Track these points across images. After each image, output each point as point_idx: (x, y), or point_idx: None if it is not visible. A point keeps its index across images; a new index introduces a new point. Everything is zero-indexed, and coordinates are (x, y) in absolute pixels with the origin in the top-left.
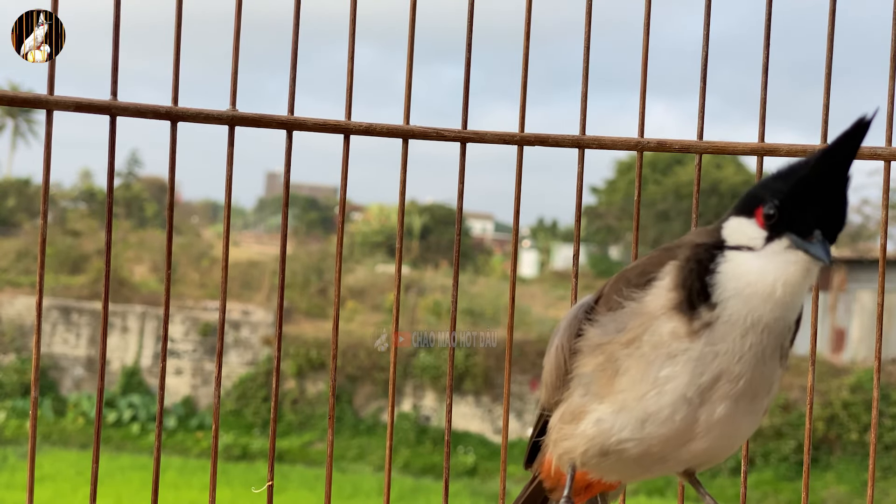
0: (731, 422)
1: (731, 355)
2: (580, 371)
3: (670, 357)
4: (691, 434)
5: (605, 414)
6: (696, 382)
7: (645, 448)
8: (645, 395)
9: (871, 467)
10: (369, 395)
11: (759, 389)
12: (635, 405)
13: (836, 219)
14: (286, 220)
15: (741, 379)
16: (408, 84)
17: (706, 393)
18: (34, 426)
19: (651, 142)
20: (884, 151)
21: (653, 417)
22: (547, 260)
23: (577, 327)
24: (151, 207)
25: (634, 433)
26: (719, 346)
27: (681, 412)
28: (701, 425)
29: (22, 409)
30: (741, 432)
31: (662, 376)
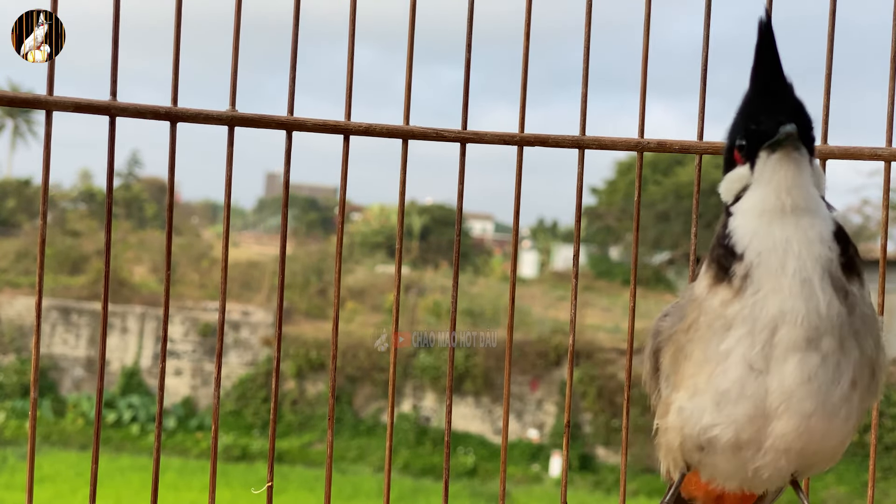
0: (807, 389)
1: (778, 291)
2: (662, 365)
3: (726, 328)
4: (771, 410)
5: (683, 402)
6: (756, 340)
7: (732, 434)
8: (711, 373)
9: (871, 468)
10: (369, 396)
11: (825, 332)
12: (706, 386)
13: (786, 105)
14: (286, 220)
15: (798, 316)
16: (408, 84)
17: (770, 351)
18: (34, 427)
19: (651, 142)
20: (884, 152)
21: (725, 396)
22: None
23: (656, 328)
24: (151, 208)
25: (714, 417)
26: (764, 287)
27: (749, 383)
28: (775, 395)
29: (21, 410)
30: (828, 404)
31: (723, 350)
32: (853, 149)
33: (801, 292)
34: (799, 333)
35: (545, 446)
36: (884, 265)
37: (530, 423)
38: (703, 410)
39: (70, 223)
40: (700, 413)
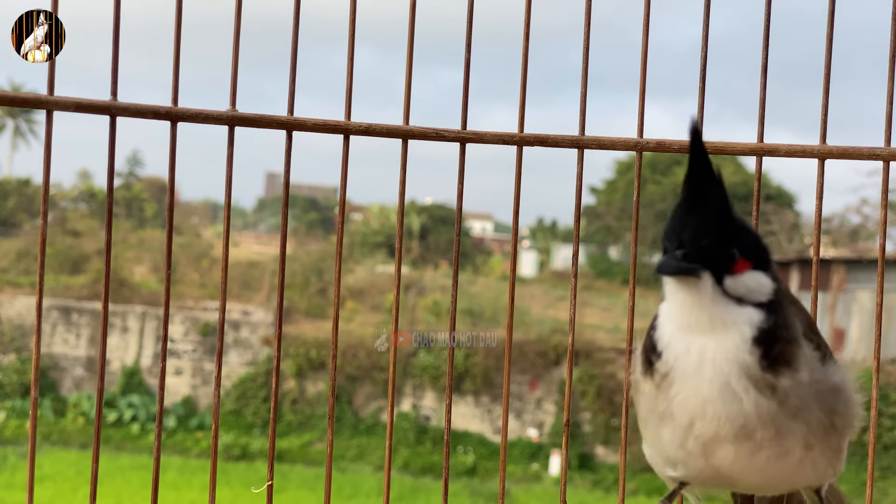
0: (754, 464)
1: (696, 395)
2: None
3: (656, 415)
4: (728, 477)
5: (644, 447)
6: (683, 433)
7: (697, 481)
8: (654, 440)
9: (870, 467)
10: (369, 395)
11: (755, 427)
12: (653, 446)
13: (691, 223)
14: (286, 220)
15: (718, 418)
16: (407, 84)
17: (697, 440)
18: (34, 426)
19: (650, 142)
20: (883, 152)
21: (672, 461)
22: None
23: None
24: (151, 207)
25: (678, 470)
26: (682, 392)
27: (692, 459)
28: (726, 470)
29: (22, 410)
30: (785, 469)
31: (654, 428)
32: (852, 149)
33: (721, 396)
34: (724, 431)
35: (544, 445)
36: (882, 265)
37: (530, 423)
38: (659, 464)
39: (70, 223)
40: (658, 464)
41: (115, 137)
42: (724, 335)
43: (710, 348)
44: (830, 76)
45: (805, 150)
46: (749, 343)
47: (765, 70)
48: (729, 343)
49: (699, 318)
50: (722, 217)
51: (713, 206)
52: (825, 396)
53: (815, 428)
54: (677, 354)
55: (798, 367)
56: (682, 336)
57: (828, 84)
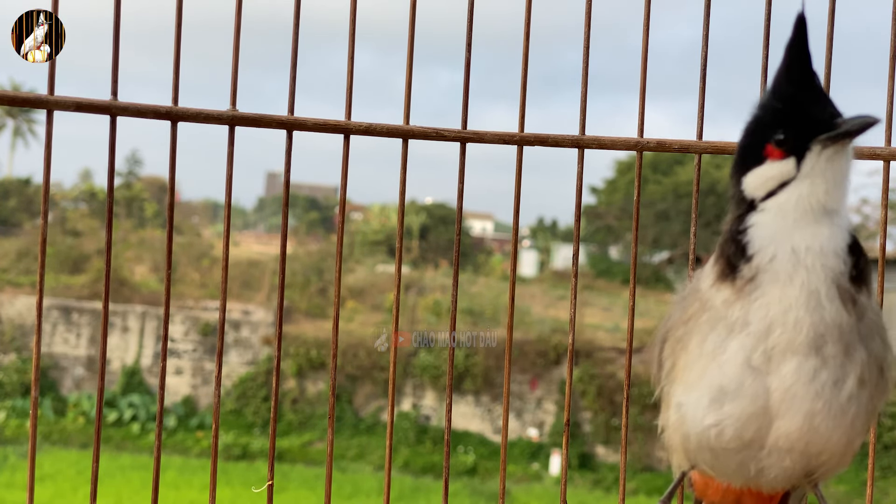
0: (810, 388)
1: (781, 300)
2: (664, 358)
3: (725, 326)
4: (773, 408)
5: (680, 397)
6: (753, 343)
7: (733, 432)
8: (706, 368)
9: (870, 467)
10: (369, 395)
11: (830, 339)
12: (700, 382)
13: (829, 101)
14: (286, 219)
15: (798, 325)
16: (408, 84)
17: (768, 352)
18: (34, 426)
19: (651, 142)
20: (883, 151)
21: (722, 392)
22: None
23: (667, 314)
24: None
25: (713, 415)
26: (767, 295)
27: (748, 380)
28: (777, 394)
29: (22, 409)
30: (834, 405)
31: (720, 346)
32: None
33: (807, 303)
34: (800, 339)
35: (545, 445)
36: (883, 264)
37: (530, 422)
38: (701, 407)
39: (71, 222)
40: (698, 410)
41: (115, 137)
42: (829, 235)
43: (811, 251)
44: (831, 76)
45: None
46: (845, 251)
47: (764, 70)
48: (829, 247)
49: (839, 196)
50: (825, 95)
51: (817, 84)
52: (880, 329)
53: (871, 363)
54: (774, 255)
55: (870, 286)
56: (788, 232)
57: (828, 84)
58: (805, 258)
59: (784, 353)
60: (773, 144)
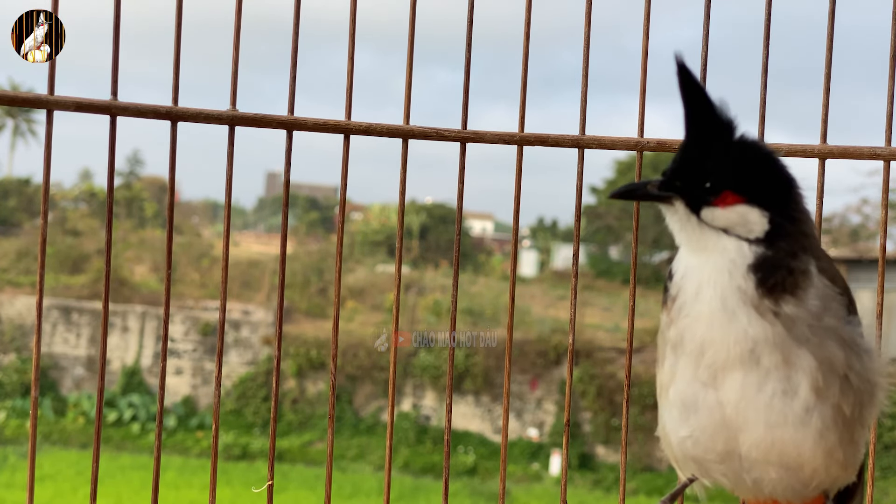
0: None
1: (701, 321)
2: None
3: (671, 346)
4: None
5: (663, 412)
6: (694, 361)
7: (704, 445)
8: (671, 386)
9: (870, 467)
10: (369, 395)
11: (761, 351)
12: (671, 398)
13: (683, 157)
14: (286, 219)
15: (724, 342)
16: (408, 84)
17: (709, 369)
18: (34, 426)
19: (651, 141)
20: (883, 151)
21: (686, 406)
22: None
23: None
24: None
25: (684, 426)
26: (691, 316)
27: (701, 396)
28: (729, 408)
29: (22, 409)
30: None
31: (675, 364)
32: (852, 148)
33: (723, 322)
34: (732, 355)
35: (545, 445)
36: (883, 265)
37: (530, 422)
38: (674, 420)
39: (71, 222)
40: (673, 423)
41: (115, 137)
42: (721, 260)
43: (707, 270)
44: (831, 76)
45: (805, 149)
46: (743, 269)
47: (765, 70)
48: (722, 267)
49: (686, 241)
50: (708, 151)
51: (700, 138)
52: (841, 341)
53: (826, 370)
54: (683, 280)
55: (805, 298)
56: (688, 261)
57: (828, 84)
58: (708, 277)
59: (724, 369)
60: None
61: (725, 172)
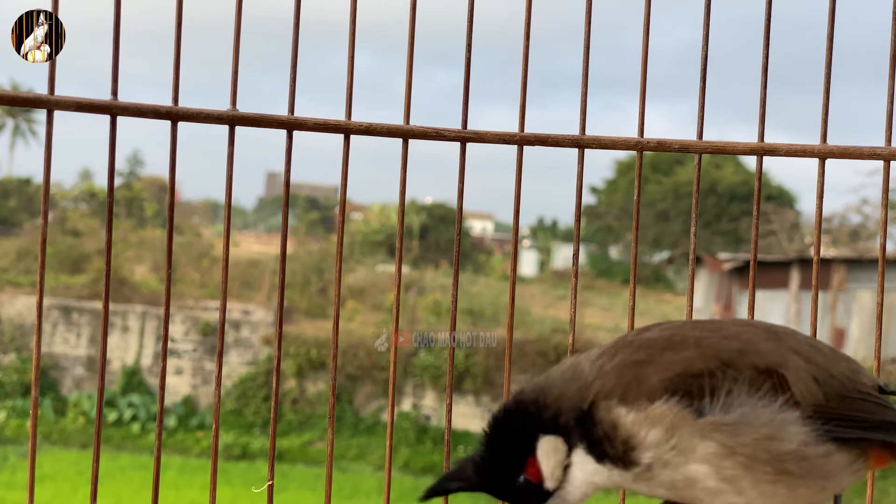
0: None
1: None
2: None
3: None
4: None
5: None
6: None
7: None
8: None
9: None
10: (369, 395)
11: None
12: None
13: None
14: (286, 219)
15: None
16: (408, 83)
17: None
18: (34, 426)
19: (651, 141)
20: (883, 151)
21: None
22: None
23: None
24: (152, 207)
25: None
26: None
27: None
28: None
29: (22, 409)
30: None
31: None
32: (852, 148)
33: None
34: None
35: None
36: (883, 265)
37: None
38: None
39: (71, 222)
40: None
41: (115, 137)
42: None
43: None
44: (831, 76)
45: (805, 149)
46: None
47: (765, 69)
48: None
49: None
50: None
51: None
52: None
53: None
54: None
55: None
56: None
57: (828, 83)
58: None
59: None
60: None
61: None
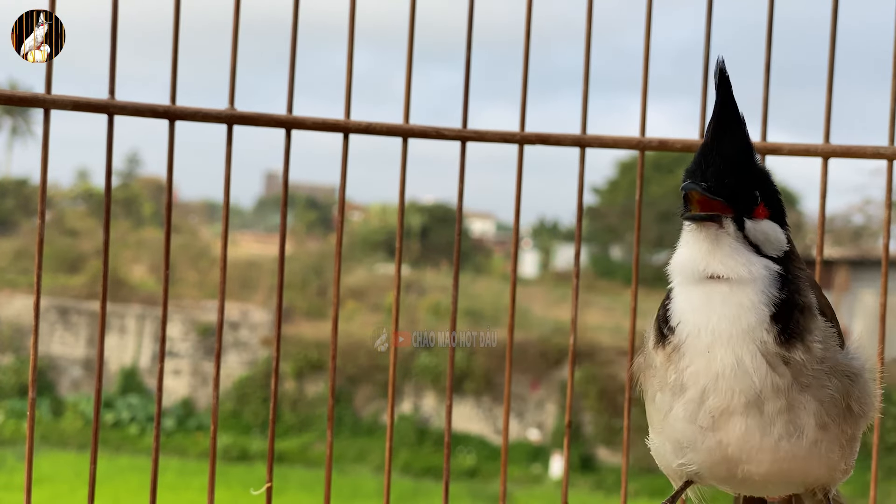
0: (765, 442)
1: (708, 370)
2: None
3: (667, 387)
4: (734, 457)
5: (652, 438)
6: (694, 407)
7: (704, 472)
8: (662, 422)
9: (873, 468)
10: (369, 396)
11: (765, 398)
12: (661, 431)
13: (709, 164)
14: (285, 219)
15: (729, 392)
16: (407, 83)
17: (709, 413)
18: (32, 427)
19: (653, 141)
20: (887, 151)
21: (680, 444)
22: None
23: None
24: (149, 207)
25: (678, 458)
26: (694, 364)
27: (699, 437)
28: (732, 448)
29: (20, 410)
30: (799, 450)
31: (667, 404)
32: (855, 147)
33: (733, 373)
34: (735, 404)
35: (546, 447)
36: (886, 265)
37: (531, 424)
38: (667, 451)
39: (68, 222)
40: (665, 452)
41: (112, 136)
42: (739, 302)
43: (725, 320)
44: (834, 75)
45: (809, 149)
46: (767, 322)
47: (768, 69)
48: (744, 317)
49: (718, 266)
50: (745, 158)
51: (737, 145)
52: (841, 376)
53: (829, 407)
54: (689, 330)
55: (811, 340)
56: (696, 302)
57: (831, 83)
58: (722, 332)
59: (724, 415)
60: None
61: (756, 181)
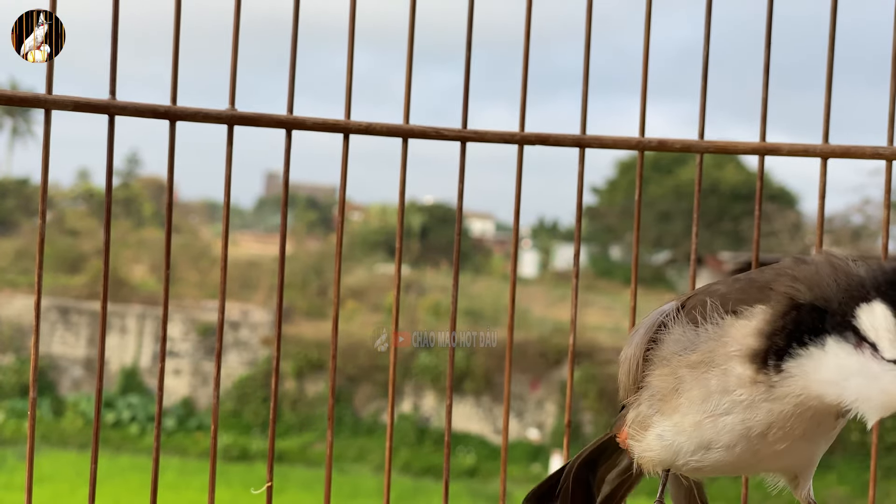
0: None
1: (788, 414)
2: (648, 381)
3: (728, 394)
4: (757, 460)
5: (666, 431)
6: (753, 427)
7: (715, 469)
8: (701, 422)
9: (872, 468)
10: (369, 396)
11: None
12: (692, 430)
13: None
14: (285, 219)
15: (793, 432)
16: (407, 83)
17: (763, 436)
18: (32, 427)
19: (652, 141)
20: (886, 151)
21: (713, 445)
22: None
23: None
24: (150, 207)
25: (696, 455)
26: (780, 403)
27: (740, 447)
28: (763, 456)
29: (20, 410)
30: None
31: (722, 412)
32: (855, 148)
33: (809, 425)
34: (793, 437)
35: (546, 446)
36: None
37: (531, 423)
38: (687, 450)
39: (69, 222)
40: (681, 448)
41: (113, 137)
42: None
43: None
44: (833, 75)
45: (808, 149)
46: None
47: (766, 69)
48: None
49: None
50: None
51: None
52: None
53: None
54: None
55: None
56: (815, 375)
57: (830, 83)
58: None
59: (777, 439)
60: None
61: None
